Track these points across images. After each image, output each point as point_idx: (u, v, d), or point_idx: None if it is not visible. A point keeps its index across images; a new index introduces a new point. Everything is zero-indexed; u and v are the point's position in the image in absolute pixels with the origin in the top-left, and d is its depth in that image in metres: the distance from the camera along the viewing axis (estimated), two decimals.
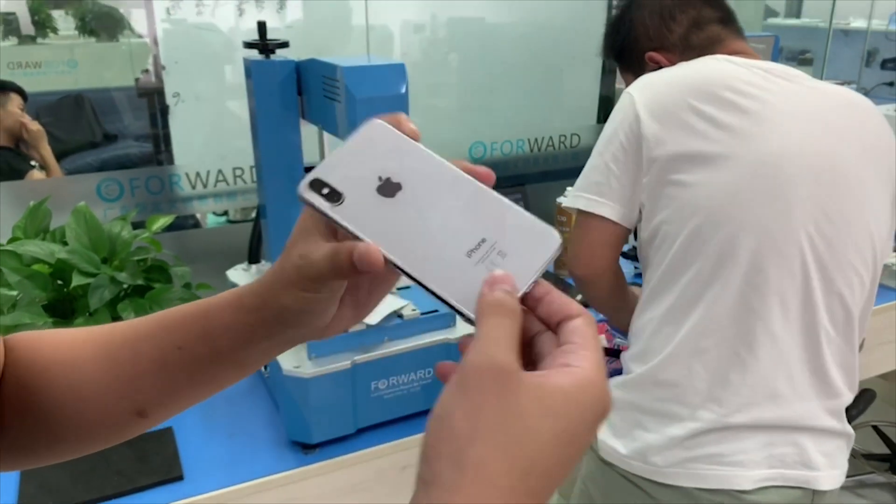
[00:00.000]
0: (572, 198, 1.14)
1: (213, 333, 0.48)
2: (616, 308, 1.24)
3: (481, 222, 0.38)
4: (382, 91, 1.06)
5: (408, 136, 0.42)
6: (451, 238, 0.38)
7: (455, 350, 1.20)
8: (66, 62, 2.40)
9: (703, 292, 1.01)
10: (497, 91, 2.09)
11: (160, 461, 1.12)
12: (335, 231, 0.42)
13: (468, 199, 0.39)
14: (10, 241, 1.26)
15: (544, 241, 0.38)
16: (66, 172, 2.07)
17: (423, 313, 1.21)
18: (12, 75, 2.63)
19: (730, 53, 1.12)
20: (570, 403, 0.33)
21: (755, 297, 0.98)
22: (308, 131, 1.25)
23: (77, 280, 1.19)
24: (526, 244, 0.38)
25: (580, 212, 1.13)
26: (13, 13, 2.85)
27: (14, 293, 1.19)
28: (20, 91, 2.37)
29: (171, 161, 1.78)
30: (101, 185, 1.64)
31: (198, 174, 1.73)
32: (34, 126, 2.28)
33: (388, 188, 0.40)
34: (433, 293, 0.38)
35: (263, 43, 1.20)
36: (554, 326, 0.37)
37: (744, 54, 1.12)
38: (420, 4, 2.02)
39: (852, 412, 1.27)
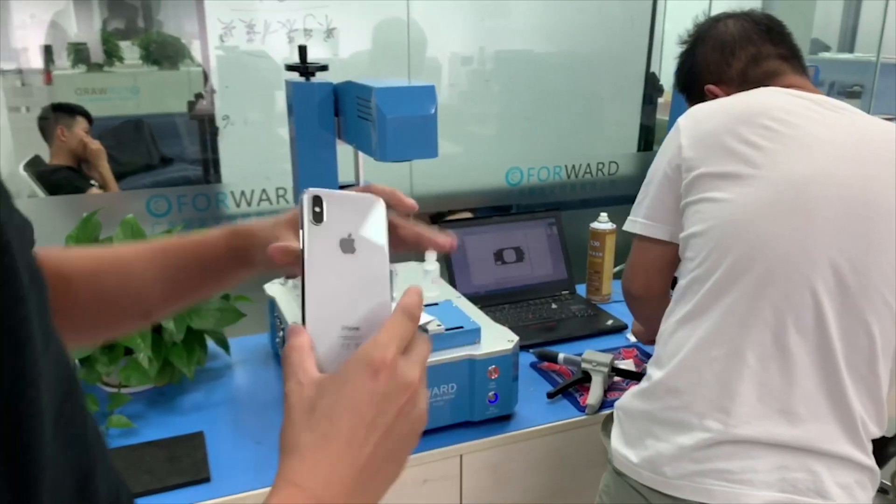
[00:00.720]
0: (629, 223, 1.21)
1: (206, 260, 0.65)
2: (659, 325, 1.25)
3: (368, 317, 0.48)
4: (412, 111, 1.10)
5: (406, 207, 0.54)
6: (345, 309, 0.48)
7: (479, 365, 1.22)
8: (129, 88, 2.53)
9: (717, 300, 1.02)
10: (537, 119, 2.12)
11: (189, 463, 1.16)
12: None
13: (377, 294, 0.48)
14: (62, 250, 1.33)
15: None
16: None
17: (447, 329, 1.23)
18: (80, 100, 2.78)
19: (786, 87, 1.14)
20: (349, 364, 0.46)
21: (767, 309, 0.99)
22: (344, 151, 1.30)
23: None
24: None
25: (637, 236, 1.19)
26: (84, 43, 3.02)
27: None
28: (86, 114, 2.51)
29: (219, 181, 1.86)
30: (151, 202, 1.73)
31: (242, 193, 1.80)
32: (94, 145, 2.40)
33: (347, 245, 0.48)
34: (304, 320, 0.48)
35: (304, 66, 1.25)
36: None
37: (800, 89, 1.14)
38: (469, 38, 2.08)
39: (890, 450, 1.24)
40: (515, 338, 1.29)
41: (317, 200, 0.48)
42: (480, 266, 1.74)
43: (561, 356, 1.45)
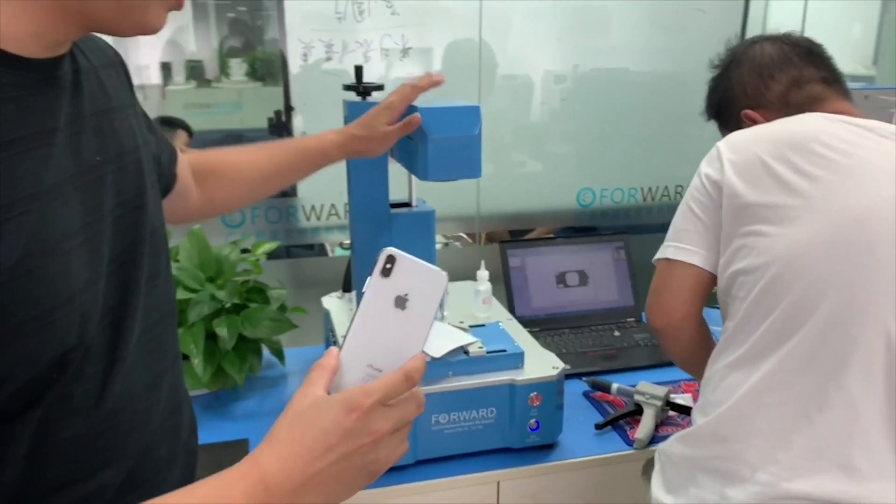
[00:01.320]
0: (661, 249, 1.13)
1: (315, 161, 1.13)
2: (697, 364, 1.18)
3: (395, 364, 0.56)
4: (456, 131, 1.10)
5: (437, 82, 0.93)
6: (377, 351, 0.56)
7: (520, 391, 1.19)
8: (233, 104, 2.65)
9: (775, 346, 0.95)
10: (616, 138, 2.07)
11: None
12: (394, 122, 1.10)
13: (407, 351, 0.56)
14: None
15: None
16: None
17: (489, 352, 1.22)
18: (187, 114, 2.95)
19: (830, 113, 1.07)
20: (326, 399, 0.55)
21: (832, 356, 0.91)
22: (398, 171, 1.32)
23: (180, 294, 1.31)
24: None
25: (665, 260, 1.11)
26: (200, 60, 3.21)
27: None
28: (187, 128, 2.66)
29: (295, 194, 1.92)
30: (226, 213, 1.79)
31: (312, 207, 1.85)
32: None
33: (400, 302, 0.56)
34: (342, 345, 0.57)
35: (359, 86, 1.28)
36: None
37: (846, 114, 1.06)
38: (563, 56, 2.06)
39: None
40: (561, 365, 1.25)
41: (390, 259, 0.56)
42: (541, 288, 1.71)
43: (614, 386, 1.40)
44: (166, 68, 3.16)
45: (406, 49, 1.96)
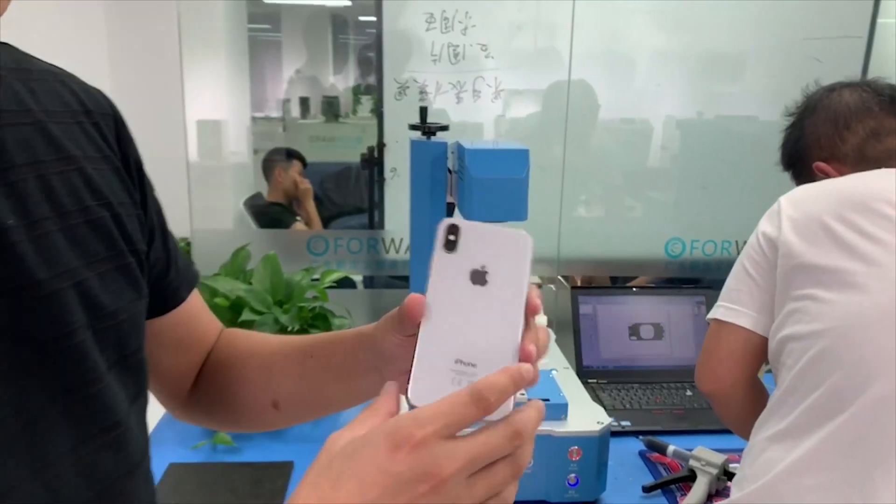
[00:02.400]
0: (713, 309, 1.08)
1: (335, 358, 0.64)
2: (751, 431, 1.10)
3: (487, 355, 0.44)
4: (501, 174, 1.10)
5: (530, 308, 0.46)
6: (462, 342, 0.44)
7: (559, 443, 1.16)
8: (355, 138, 2.80)
9: (820, 423, 0.87)
10: (719, 188, 1.99)
11: (269, 489, 1.23)
12: None
13: (502, 332, 0.44)
14: (212, 276, 1.50)
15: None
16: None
17: (531, 399, 1.18)
18: (311, 147, 3.13)
19: None
20: (372, 431, 0.41)
21: (880, 439, 0.83)
22: None
23: (246, 315, 1.37)
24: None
25: (716, 321, 1.06)
26: (336, 97, 3.40)
27: None
28: (302, 159, 2.82)
29: (382, 227, 1.98)
30: (311, 241, 1.87)
31: (392, 240, 1.89)
32: (304, 185, 2.69)
33: (478, 277, 0.45)
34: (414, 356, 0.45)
35: (424, 126, 1.31)
36: None
37: None
38: (689, 102, 2.02)
39: None
40: (607, 420, 1.20)
41: (452, 229, 0.46)
42: (611, 339, 1.66)
43: (671, 448, 1.32)
44: (305, 103, 3.37)
45: (499, 91, 1.98)
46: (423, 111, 1.32)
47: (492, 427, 0.41)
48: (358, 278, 2.14)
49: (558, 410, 1.20)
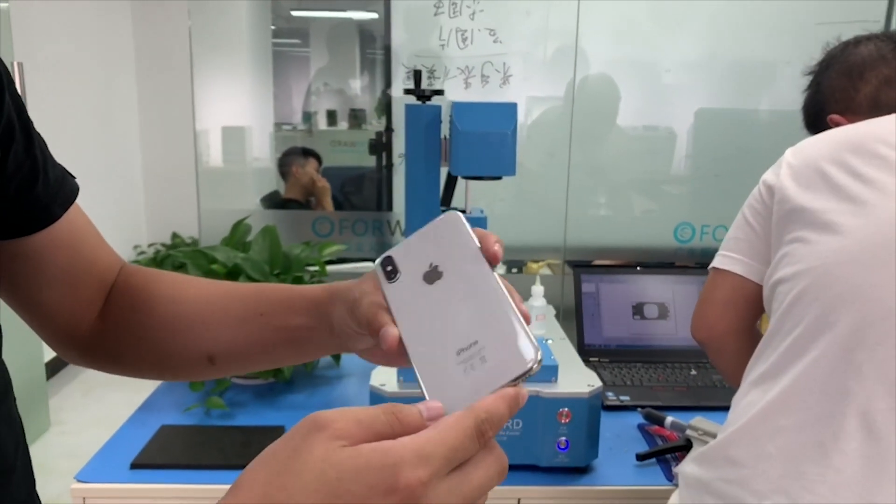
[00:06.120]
0: (715, 258, 1.06)
1: (288, 317, 0.58)
2: None
3: (483, 324, 0.41)
4: (487, 127, 1.09)
5: (489, 256, 0.44)
6: (453, 334, 0.41)
7: (548, 405, 1.13)
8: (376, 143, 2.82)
9: (794, 362, 0.85)
10: (729, 176, 1.96)
11: (257, 451, 1.22)
12: None
13: (483, 299, 0.42)
14: (211, 247, 1.51)
15: (516, 362, 0.39)
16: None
17: None
18: (332, 150, 3.16)
19: None
20: (359, 460, 0.34)
21: (853, 377, 0.79)
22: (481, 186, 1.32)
23: (241, 281, 1.38)
24: (503, 358, 0.39)
25: (713, 269, 1.04)
26: (363, 109, 3.45)
27: None
28: (318, 157, 2.84)
29: (390, 209, 1.99)
30: (316, 222, 1.88)
31: (398, 222, 1.89)
32: (322, 182, 2.71)
33: (432, 275, 0.44)
34: (419, 382, 0.41)
35: (419, 90, 1.31)
36: None
37: None
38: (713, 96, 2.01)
39: None
40: (598, 383, 1.17)
41: (385, 261, 0.47)
42: (614, 318, 1.63)
43: (669, 420, 1.29)
44: (331, 115, 3.42)
45: (507, 76, 1.98)
46: (417, 74, 1.32)
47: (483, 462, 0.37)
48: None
49: (548, 372, 1.18)
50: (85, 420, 3.22)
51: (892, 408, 0.77)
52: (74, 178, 0.61)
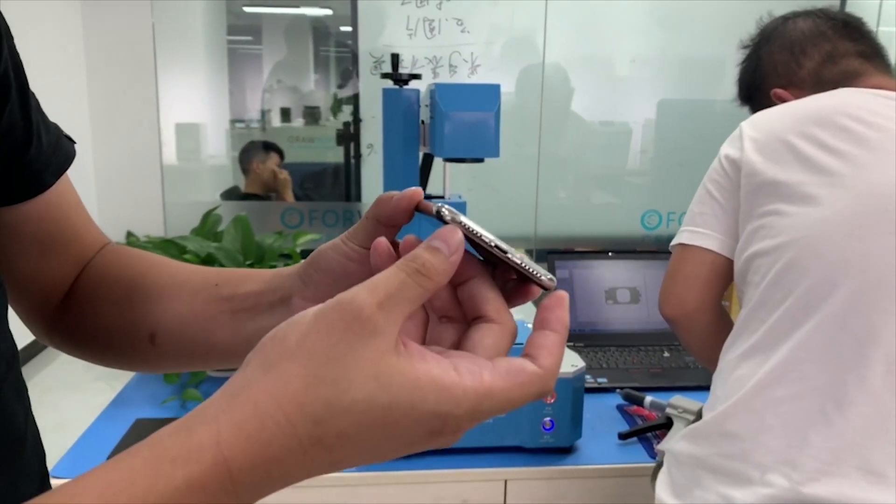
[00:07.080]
0: (678, 234, 1.07)
1: (241, 285, 0.51)
2: (714, 358, 1.08)
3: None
4: (470, 108, 1.09)
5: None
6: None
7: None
8: (332, 139, 2.79)
9: (789, 333, 0.86)
10: (694, 165, 2.00)
11: None
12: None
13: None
14: (182, 237, 1.48)
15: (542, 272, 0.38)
16: None
17: None
18: (291, 146, 3.12)
19: (868, 88, 0.98)
20: (414, 393, 0.31)
21: (851, 344, 0.82)
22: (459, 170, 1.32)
23: None
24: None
25: (680, 245, 1.05)
26: (318, 107, 3.41)
27: None
28: (280, 151, 2.80)
29: (359, 199, 1.97)
30: (285, 214, 1.86)
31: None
32: (283, 175, 2.67)
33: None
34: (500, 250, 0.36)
35: (396, 74, 1.30)
36: (470, 317, 0.36)
37: (886, 90, 0.97)
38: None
39: None
40: (581, 363, 1.19)
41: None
42: (587, 303, 1.64)
43: (648, 399, 1.31)
44: (286, 113, 3.38)
45: (475, 66, 1.99)
46: (395, 58, 1.31)
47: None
48: None
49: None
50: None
51: (888, 371, 0.80)
52: (73, 141, 0.56)
